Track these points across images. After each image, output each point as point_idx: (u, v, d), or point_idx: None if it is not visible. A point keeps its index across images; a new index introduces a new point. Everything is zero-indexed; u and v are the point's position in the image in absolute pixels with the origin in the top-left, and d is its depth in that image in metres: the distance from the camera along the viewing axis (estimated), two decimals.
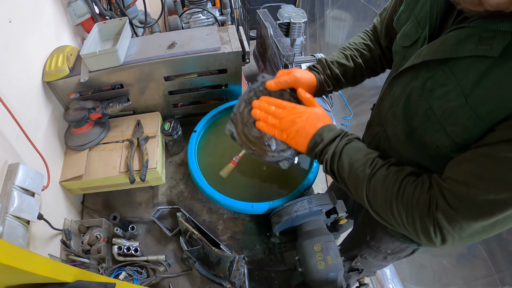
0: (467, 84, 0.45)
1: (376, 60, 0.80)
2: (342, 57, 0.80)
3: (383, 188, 0.54)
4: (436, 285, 1.38)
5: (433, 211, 0.48)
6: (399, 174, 0.54)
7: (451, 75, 0.47)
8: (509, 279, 1.00)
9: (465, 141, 0.48)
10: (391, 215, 0.54)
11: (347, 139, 0.62)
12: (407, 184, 0.53)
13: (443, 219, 0.47)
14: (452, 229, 0.47)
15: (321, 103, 1.89)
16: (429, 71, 0.52)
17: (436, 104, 0.50)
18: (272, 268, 0.81)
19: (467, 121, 0.46)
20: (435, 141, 0.53)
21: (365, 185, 0.56)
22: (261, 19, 2.10)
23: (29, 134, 0.69)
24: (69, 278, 0.41)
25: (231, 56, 0.91)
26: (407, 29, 0.59)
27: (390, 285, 1.65)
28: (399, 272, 1.67)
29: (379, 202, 0.55)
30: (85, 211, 0.95)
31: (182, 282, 0.81)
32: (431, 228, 0.49)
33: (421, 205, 0.50)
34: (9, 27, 0.68)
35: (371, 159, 0.58)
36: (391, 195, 0.53)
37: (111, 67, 0.85)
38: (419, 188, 0.51)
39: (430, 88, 0.51)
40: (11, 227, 0.57)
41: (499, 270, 1.04)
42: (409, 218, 0.51)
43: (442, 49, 0.49)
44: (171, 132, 0.93)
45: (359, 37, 0.83)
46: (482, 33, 0.43)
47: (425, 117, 0.53)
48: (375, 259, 1.02)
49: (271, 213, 0.77)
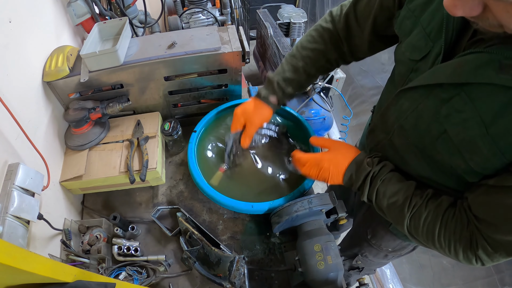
0: (488, 113, 0.44)
1: (332, 63, 0.79)
2: (292, 70, 0.78)
3: (425, 226, 0.57)
4: (436, 285, 1.38)
5: (474, 248, 0.52)
6: (438, 211, 0.56)
7: (468, 101, 0.46)
8: (509, 279, 1.00)
9: (482, 170, 0.49)
10: (433, 246, 0.59)
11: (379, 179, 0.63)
12: (448, 220, 0.55)
13: (483, 255, 0.52)
14: (492, 261, 0.52)
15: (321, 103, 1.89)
16: (443, 92, 0.50)
17: (453, 131, 0.49)
18: (272, 268, 0.81)
19: (487, 152, 0.45)
20: (449, 162, 0.53)
21: (405, 224, 0.60)
22: (261, 19, 2.10)
23: (29, 134, 0.68)
24: (69, 278, 0.41)
25: (231, 56, 0.91)
26: (415, 41, 0.55)
27: (390, 285, 1.65)
28: (399, 272, 1.67)
29: (420, 236, 0.59)
30: (85, 211, 0.95)
31: (182, 282, 0.81)
32: (473, 259, 0.54)
33: (463, 241, 0.54)
34: (9, 27, 0.68)
35: (408, 197, 0.59)
36: (432, 233, 0.56)
37: (111, 67, 0.85)
38: (460, 224, 0.54)
39: (445, 114, 0.50)
40: (11, 227, 0.57)
41: (498, 270, 1.04)
42: (451, 250, 0.56)
43: (459, 72, 0.46)
44: (171, 132, 0.93)
45: (312, 38, 0.77)
46: (502, 60, 0.41)
47: (439, 140, 0.52)
48: (376, 257, 1.02)
49: (271, 213, 0.77)
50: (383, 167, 0.64)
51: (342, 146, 0.73)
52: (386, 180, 0.63)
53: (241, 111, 0.81)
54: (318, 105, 1.87)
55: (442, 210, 0.56)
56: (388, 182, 0.62)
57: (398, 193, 0.61)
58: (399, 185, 0.62)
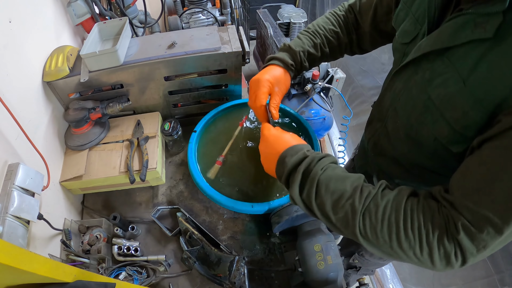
0: (465, 69, 0.45)
1: (342, 48, 0.80)
2: (311, 45, 0.77)
3: (385, 221, 0.46)
4: (436, 285, 1.38)
5: (453, 233, 0.42)
6: (398, 200, 0.47)
7: (449, 64, 0.48)
8: (509, 279, 1.00)
9: (463, 129, 0.48)
10: (398, 249, 0.46)
11: (321, 167, 0.52)
12: (413, 210, 0.46)
13: (466, 239, 0.42)
14: (476, 248, 0.42)
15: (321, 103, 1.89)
16: (428, 63, 0.52)
17: (434, 93, 0.51)
18: (272, 268, 0.81)
19: (466, 105, 0.46)
20: (433, 132, 0.53)
21: (357, 222, 0.48)
22: (261, 19, 2.10)
23: (29, 134, 0.68)
24: (69, 278, 0.41)
25: (231, 56, 0.91)
26: (406, 26, 0.59)
27: (390, 285, 1.65)
28: (399, 272, 1.67)
29: (380, 238, 0.47)
30: (85, 211, 0.95)
31: (182, 282, 0.81)
32: (451, 253, 0.43)
33: (437, 230, 0.44)
34: (9, 27, 0.68)
35: (358, 188, 0.49)
36: (396, 228, 0.45)
37: (111, 67, 0.85)
38: (428, 211, 0.45)
39: (428, 78, 0.52)
40: (11, 227, 0.57)
41: (498, 270, 1.04)
42: (423, 248, 0.44)
43: (440, 39, 0.49)
44: (171, 132, 0.93)
45: (329, 20, 0.80)
46: (476, 19, 0.44)
47: (423, 108, 0.53)
48: (372, 257, 1.02)
49: (271, 213, 0.77)
50: (324, 157, 0.54)
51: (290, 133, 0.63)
52: (330, 170, 0.52)
53: (269, 77, 0.71)
54: (318, 105, 1.87)
55: (403, 199, 0.47)
56: (332, 172, 0.51)
57: (345, 181, 0.50)
58: (345, 175, 0.51)
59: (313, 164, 0.53)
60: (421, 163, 0.61)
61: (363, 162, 0.85)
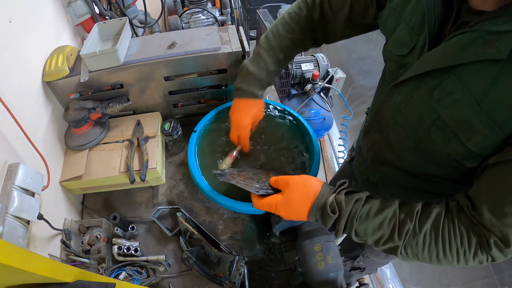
0: (478, 90, 0.44)
1: (307, 48, 0.81)
2: (274, 63, 0.77)
3: (425, 250, 0.51)
4: (436, 285, 1.38)
5: (486, 249, 0.48)
6: (436, 227, 0.50)
7: (458, 82, 0.46)
8: (509, 279, 1.00)
9: (480, 150, 0.47)
10: (438, 263, 0.52)
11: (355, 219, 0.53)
12: (450, 233, 0.50)
13: (497, 252, 0.48)
14: (506, 256, 0.48)
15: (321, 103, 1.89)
16: (433, 80, 0.50)
17: (446, 114, 0.49)
18: (272, 268, 0.81)
19: (483, 129, 0.44)
20: (446, 149, 0.52)
21: (399, 254, 0.53)
22: (261, 19, 2.10)
23: (29, 134, 0.68)
24: (69, 278, 0.41)
25: (231, 56, 0.91)
26: (400, 36, 0.56)
27: (390, 285, 1.65)
28: (399, 272, 1.67)
29: (420, 259, 0.53)
30: (85, 211, 0.95)
31: (182, 282, 0.81)
32: (484, 260, 0.49)
33: (473, 247, 0.49)
34: (9, 27, 0.68)
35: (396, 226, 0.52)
36: (436, 253, 0.50)
37: (111, 67, 0.85)
38: (463, 230, 0.49)
39: (438, 98, 0.50)
40: (11, 227, 0.57)
41: (498, 271, 1.04)
42: (461, 261, 0.50)
43: (446, 56, 0.47)
44: (171, 132, 0.93)
45: (289, 27, 0.75)
46: (486, 36, 0.42)
47: (433, 127, 0.52)
48: (377, 257, 1.02)
49: (271, 213, 0.77)
50: (355, 203, 0.54)
51: (296, 187, 0.58)
52: (363, 217, 0.53)
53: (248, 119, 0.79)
54: (318, 105, 1.87)
55: (440, 224, 0.50)
56: (366, 219, 0.53)
57: (382, 225, 0.52)
58: (381, 217, 0.53)
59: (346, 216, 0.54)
60: (431, 172, 0.60)
61: (363, 169, 0.84)
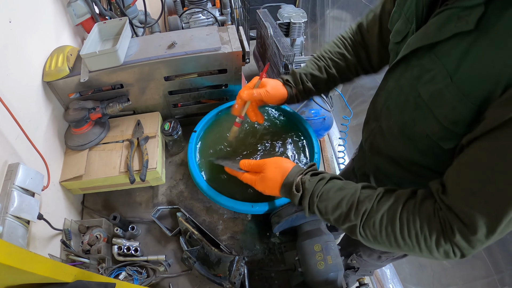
0: (451, 64, 0.45)
1: (351, 69, 0.80)
2: (315, 69, 0.80)
3: (382, 232, 0.51)
4: (436, 285, 1.38)
5: (449, 236, 0.46)
6: (394, 210, 0.51)
7: (436, 59, 0.48)
8: (509, 279, 1.00)
9: (452, 126, 0.48)
10: (399, 249, 0.52)
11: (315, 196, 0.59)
12: (408, 219, 0.49)
13: (462, 241, 0.45)
14: (473, 247, 0.46)
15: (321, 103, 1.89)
16: (417, 60, 0.53)
17: (423, 90, 0.51)
18: (272, 268, 0.81)
19: (453, 100, 0.46)
20: (425, 129, 0.54)
21: (358, 234, 0.54)
22: (261, 19, 2.10)
23: (29, 134, 0.68)
24: (69, 278, 0.41)
25: (231, 56, 0.91)
26: (398, 26, 0.60)
27: (390, 285, 1.65)
28: (399, 272, 1.67)
29: (381, 244, 0.53)
30: (85, 211, 0.95)
31: (182, 282, 0.81)
32: (450, 251, 0.47)
33: (434, 233, 0.47)
34: (9, 27, 0.68)
35: (354, 205, 0.54)
36: (394, 237, 0.50)
37: (111, 67, 0.85)
38: (424, 216, 0.48)
39: (417, 75, 0.52)
40: (11, 227, 0.57)
41: (498, 270, 1.03)
42: (423, 250, 0.49)
43: (426, 35, 0.50)
44: (171, 132, 0.93)
45: (334, 44, 0.81)
46: (460, 12, 0.44)
47: (414, 106, 0.54)
48: (370, 258, 1.02)
49: (271, 213, 0.77)
50: (319, 181, 0.60)
51: (270, 168, 0.67)
52: (324, 194, 0.58)
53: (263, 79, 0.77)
54: (318, 105, 1.87)
55: (399, 207, 0.51)
56: (327, 196, 0.58)
57: (341, 203, 0.56)
58: (340, 195, 0.57)
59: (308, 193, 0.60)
60: (416, 161, 0.61)
61: (362, 163, 0.85)
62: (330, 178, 0.61)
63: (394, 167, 0.69)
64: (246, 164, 0.71)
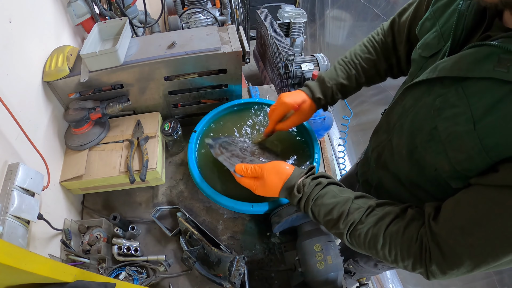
0: (479, 109, 0.41)
1: (381, 74, 0.79)
2: (345, 77, 0.78)
3: (366, 243, 0.55)
4: (435, 285, 1.38)
5: (426, 262, 0.48)
6: (379, 227, 0.53)
7: (463, 96, 0.44)
8: (508, 280, 1.00)
9: (465, 171, 0.45)
10: (385, 261, 0.55)
11: (311, 199, 0.61)
12: (391, 239, 0.52)
13: (436, 271, 0.47)
14: (447, 276, 0.47)
15: None
16: (443, 88, 0.48)
17: (442, 125, 0.47)
18: (272, 268, 0.81)
19: (471, 150, 0.42)
20: (435, 163, 0.51)
21: (345, 240, 0.58)
22: (261, 19, 2.10)
23: (29, 134, 0.68)
24: (69, 278, 0.41)
25: (231, 56, 0.91)
26: (429, 39, 0.55)
27: (390, 285, 1.65)
28: (399, 272, 1.67)
29: (367, 252, 0.56)
30: (85, 211, 0.95)
31: (182, 282, 0.81)
32: (424, 273, 0.49)
33: (411, 258, 0.50)
34: (9, 27, 0.68)
35: (344, 214, 0.57)
36: (375, 251, 0.54)
37: (111, 67, 0.85)
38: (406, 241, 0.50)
39: (438, 107, 0.48)
40: (11, 227, 0.57)
41: (498, 271, 1.04)
42: (400, 267, 0.52)
43: (458, 66, 0.45)
44: (171, 132, 0.93)
45: (366, 48, 0.78)
46: (501, 54, 0.39)
47: (429, 136, 0.50)
48: (366, 264, 1.02)
49: (271, 213, 0.77)
50: (316, 186, 0.62)
51: (270, 174, 0.67)
52: (319, 199, 0.60)
53: (289, 100, 0.78)
54: None
55: (384, 225, 0.53)
56: (321, 200, 0.60)
57: (332, 211, 0.58)
58: (332, 202, 0.58)
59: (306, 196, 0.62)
60: (422, 186, 0.59)
61: (365, 170, 0.83)
62: (328, 184, 0.62)
63: (397, 186, 0.66)
64: (242, 169, 0.69)
